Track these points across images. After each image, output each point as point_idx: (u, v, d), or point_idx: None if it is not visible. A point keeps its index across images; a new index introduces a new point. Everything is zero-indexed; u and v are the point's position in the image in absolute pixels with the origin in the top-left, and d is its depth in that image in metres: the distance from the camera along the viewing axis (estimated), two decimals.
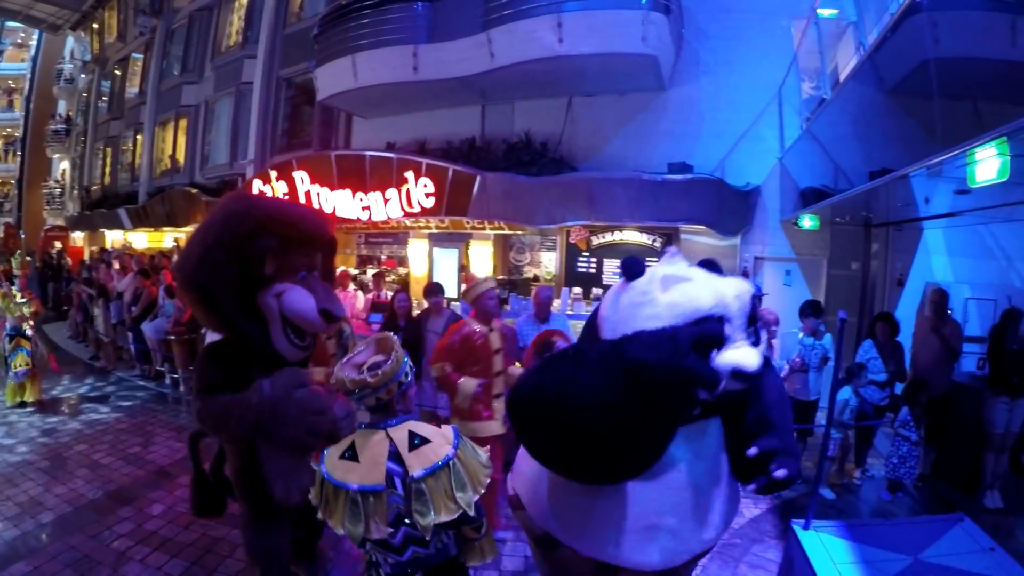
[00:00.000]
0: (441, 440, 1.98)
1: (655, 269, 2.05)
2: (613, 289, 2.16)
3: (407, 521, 1.90)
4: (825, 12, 6.77)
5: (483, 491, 1.99)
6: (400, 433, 1.96)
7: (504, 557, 3.92)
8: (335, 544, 3.75)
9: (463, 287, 4.73)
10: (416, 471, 1.88)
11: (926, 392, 4.96)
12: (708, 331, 1.83)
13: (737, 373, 1.81)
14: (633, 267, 2.06)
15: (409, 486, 1.88)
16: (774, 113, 7.89)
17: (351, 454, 1.95)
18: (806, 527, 3.31)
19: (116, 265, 10.72)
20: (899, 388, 5.68)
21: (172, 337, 7.59)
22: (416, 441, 1.95)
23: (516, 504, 2.46)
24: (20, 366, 6.85)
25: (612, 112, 8.28)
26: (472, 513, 1.94)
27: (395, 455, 1.91)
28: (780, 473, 1.96)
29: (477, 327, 4.02)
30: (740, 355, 1.83)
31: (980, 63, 3.31)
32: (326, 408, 2.40)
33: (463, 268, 8.35)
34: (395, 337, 2.16)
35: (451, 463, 1.93)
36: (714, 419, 2.16)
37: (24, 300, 7.22)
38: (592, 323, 2.25)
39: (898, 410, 5.11)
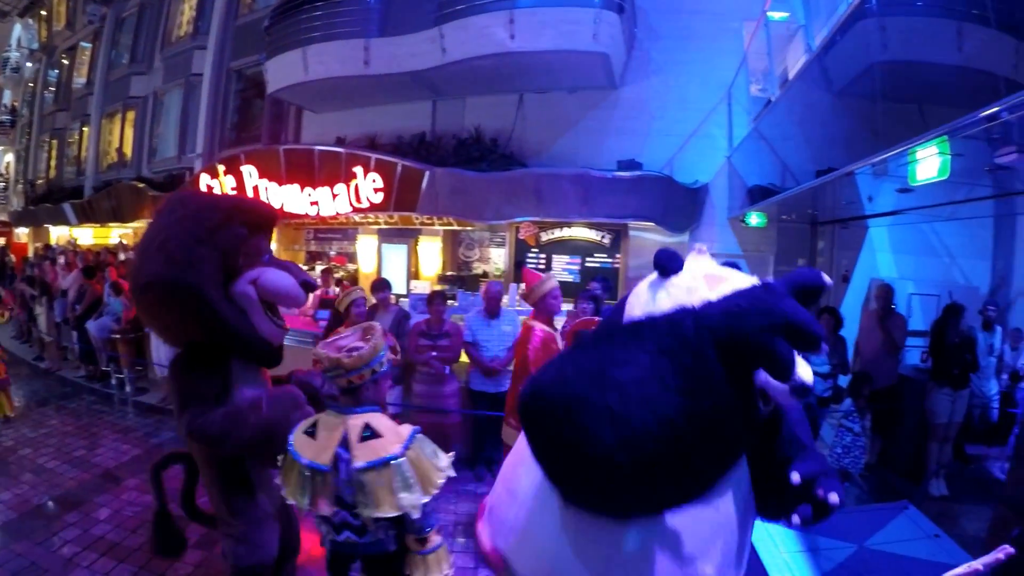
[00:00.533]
0: (393, 438, 1.98)
1: (693, 264, 1.75)
2: (644, 285, 1.79)
3: (349, 507, 1.95)
4: (776, 15, 6.90)
5: (435, 492, 1.98)
6: (357, 422, 2.00)
7: None
8: None
9: (522, 286, 4.57)
10: (358, 462, 1.92)
11: (869, 384, 5.09)
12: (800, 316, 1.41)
13: (801, 387, 1.47)
14: (670, 262, 1.70)
15: (351, 474, 1.92)
16: (723, 112, 8.02)
17: (312, 431, 2.05)
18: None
19: (61, 261, 10.32)
20: (842, 380, 5.84)
21: (118, 336, 7.34)
22: (367, 434, 1.98)
23: (497, 563, 2.03)
24: None
25: (563, 109, 8.29)
26: (416, 516, 1.93)
27: (346, 442, 1.96)
28: (833, 498, 1.63)
29: (544, 329, 4.01)
30: (803, 367, 1.49)
31: (926, 67, 3.40)
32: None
33: (523, 264, 8.15)
34: (380, 326, 2.18)
35: (395, 462, 1.93)
36: None
37: None
38: (614, 321, 1.85)
39: (841, 401, 5.23)
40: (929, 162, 3.33)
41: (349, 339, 2.13)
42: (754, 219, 7.29)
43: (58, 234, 16.85)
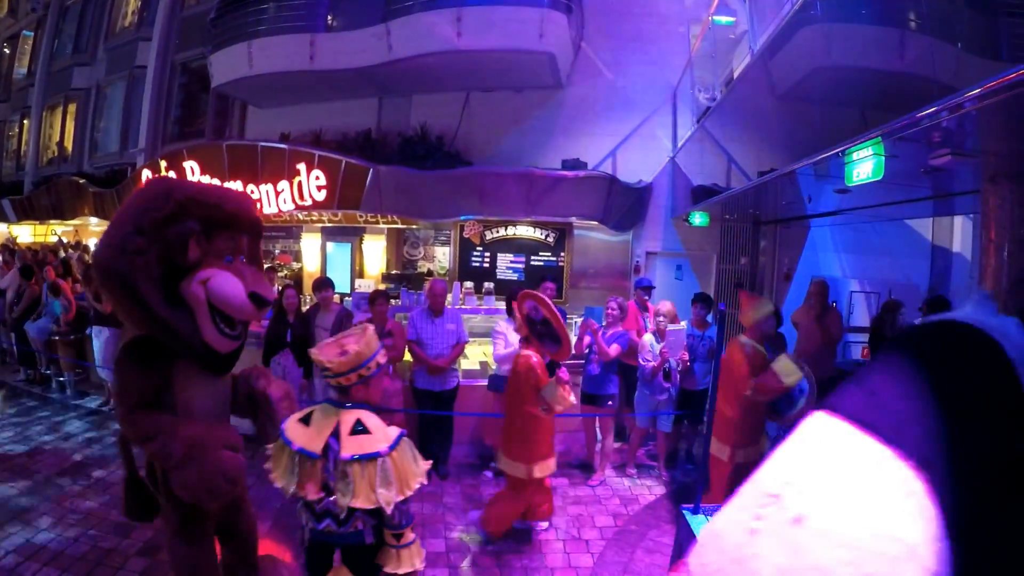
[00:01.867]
0: (381, 437, 2.11)
1: None
2: None
3: (332, 496, 2.06)
4: (721, 19, 7.05)
5: (409, 493, 2.11)
6: (349, 417, 2.13)
7: None
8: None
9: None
10: (346, 453, 2.04)
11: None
12: None
13: None
14: None
15: (338, 464, 2.04)
16: (668, 113, 8.16)
17: (307, 420, 2.17)
18: (695, 512, 3.39)
19: None
20: None
21: (57, 338, 7.10)
22: (359, 428, 2.10)
23: None
24: None
25: (509, 108, 8.34)
26: (390, 511, 2.06)
27: (338, 433, 2.09)
28: None
29: (755, 346, 4.08)
30: None
31: (869, 72, 3.50)
32: (237, 480, 2.37)
33: (739, 286, 7.93)
34: (372, 329, 2.27)
35: (380, 459, 2.06)
36: None
37: None
38: None
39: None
40: (865, 163, 3.43)
41: (351, 339, 2.21)
42: (698, 219, 7.42)
43: None
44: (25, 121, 15.09)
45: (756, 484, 0.74)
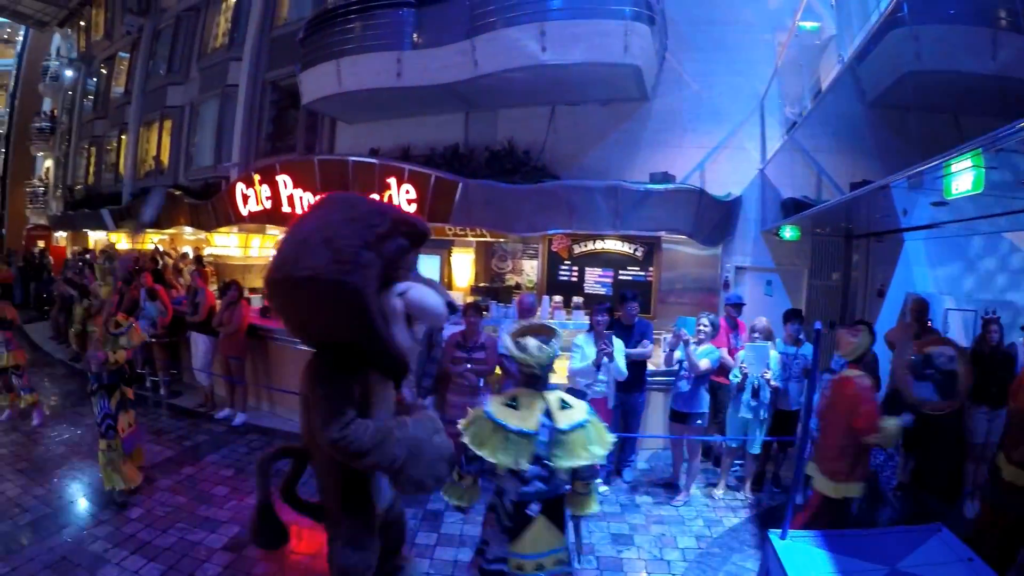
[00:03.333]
0: (581, 408, 2.69)
1: None
2: None
3: (544, 463, 2.53)
4: (807, 25, 6.85)
5: (610, 449, 2.67)
6: (553, 397, 2.67)
7: None
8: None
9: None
10: (563, 424, 2.56)
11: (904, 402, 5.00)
12: None
13: None
14: None
15: (554, 435, 2.54)
16: (756, 124, 7.96)
17: (514, 404, 2.61)
18: (783, 536, 3.31)
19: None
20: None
21: (153, 340, 7.50)
22: (564, 405, 2.65)
23: None
24: (125, 428, 4.83)
25: (595, 121, 8.31)
26: (593, 464, 2.60)
27: (547, 412, 2.58)
28: None
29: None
30: None
31: (961, 76, 3.32)
32: (454, 458, 2.65)
33: (832, 326, 7.41)
34: (557, 329, 2.79)
35: (587, 424, 2.62)
36: None
37: (123, 329, 4.91)
38: None
39: None
40: (964, 176, 3.25)
41: (530, 340, 2.68)
42: (788, 232, 7.21)
43: (96, 238, 17.31)
44: (123, 136, 16.08)
45: None
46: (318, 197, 8.51)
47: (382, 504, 2.74)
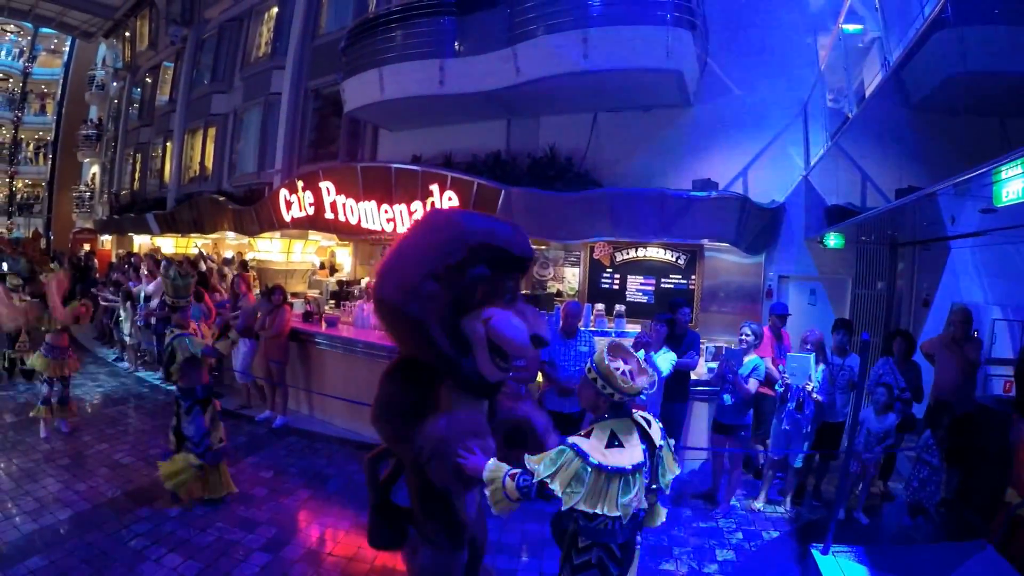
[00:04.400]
0: (652, 418, 2.44)
1: None
2: None
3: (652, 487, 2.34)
4: (850, 27, 6.76)
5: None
6: (639, 417, 2.39)
7: None
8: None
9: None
10: (659, 440, 2.35)
11: (950, 414, 4.90)
12: None
13: None
14: None
15: (655, 456, 2.34)
16: (799, 130, 7.87)
17: (617, 442, 2.26)
18: (825, 551, 3.30)
19: (144, 269, 10.93)
20: (915, 409, 5.63)
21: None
22: (648, 424, 2.38)
23: None
24: (217, 443, 4.80)
25: (637, 128, 8.30)
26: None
27: (644, 434, 2.34)
28: None
29: None
30: None
31: (1007, 78, 3.25)
32: (479, 469, 2.40)
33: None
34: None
35: (666, 438, 2.43)
36: None
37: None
38: None
39: (918, 431, 5.06)
40: (1015, 182, 3.17)
41: (622, 363, 2.34)
42: (832, 240, 7.10)
43: (140, 242, 17.85)
44: (168, 143, 16.55)
45: None
46: (361, 204, 8.75)
47: (466, 514, 2.76)
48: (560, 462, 2.18)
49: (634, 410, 2.41)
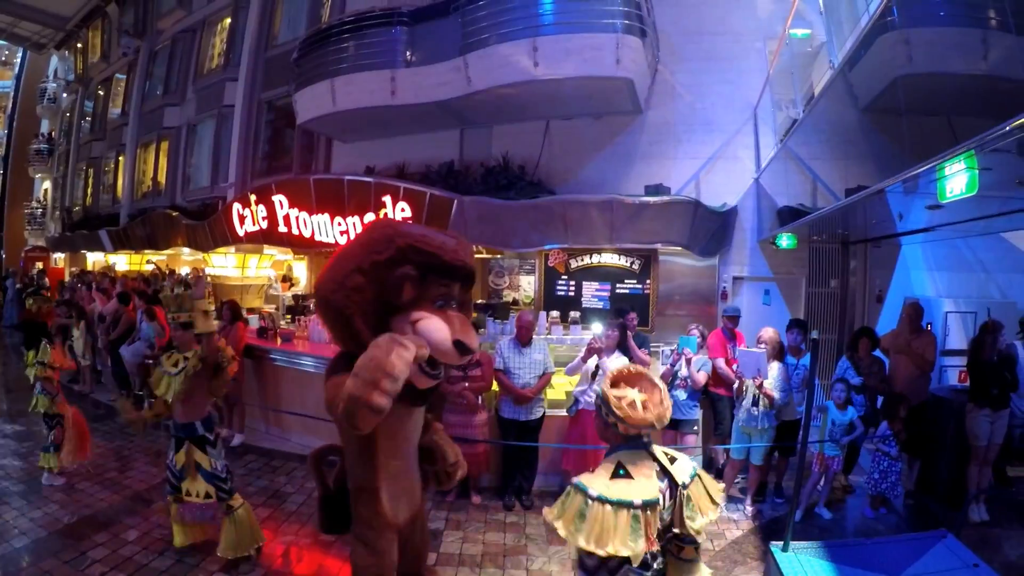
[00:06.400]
0: (683, 457, 2.18)
1: None
2: None
3: (672, 531, 2.07)
4: (798, 32, 6.88)
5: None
6: (656, 452, 2.13)
7: None
8: None
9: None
10: (683, 478, 2.07)
11: (905, 405, 4.98)
12: None
13: None
14: None
15: (678, 495, 2.05)
16: (750, 133, 7.99)
17: (624, 472, 2.04)
18: (784, 549, 3.28)
19: (95, 287, 10.63)
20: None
21: (150, 361, 7.47)
22: (671, 458, 2.13)
23: None
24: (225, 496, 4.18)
25: (589, 135, 8.34)
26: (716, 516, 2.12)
27: (660, 471, 2.08)
28: None
29: None
30: None
31: (952, 78, 3.32)
32: (393, 375, 2.17)
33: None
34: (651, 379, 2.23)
35: (698, 472, 2.13)
36: None
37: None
38: None
39: (877, 424, 5.13)
40: (958, 178, 3.26)
41: (629, 391, 2.14)
42: (784, 241, 7.22)
43: (94, 259, 17.34)
44: (120, 157, 16.17)
45: None
46: (315, 216, 8.60)
47: (396, 515, 2.75)
48: (567, 504, 2.03)
49: (654, 446, 2.15)
